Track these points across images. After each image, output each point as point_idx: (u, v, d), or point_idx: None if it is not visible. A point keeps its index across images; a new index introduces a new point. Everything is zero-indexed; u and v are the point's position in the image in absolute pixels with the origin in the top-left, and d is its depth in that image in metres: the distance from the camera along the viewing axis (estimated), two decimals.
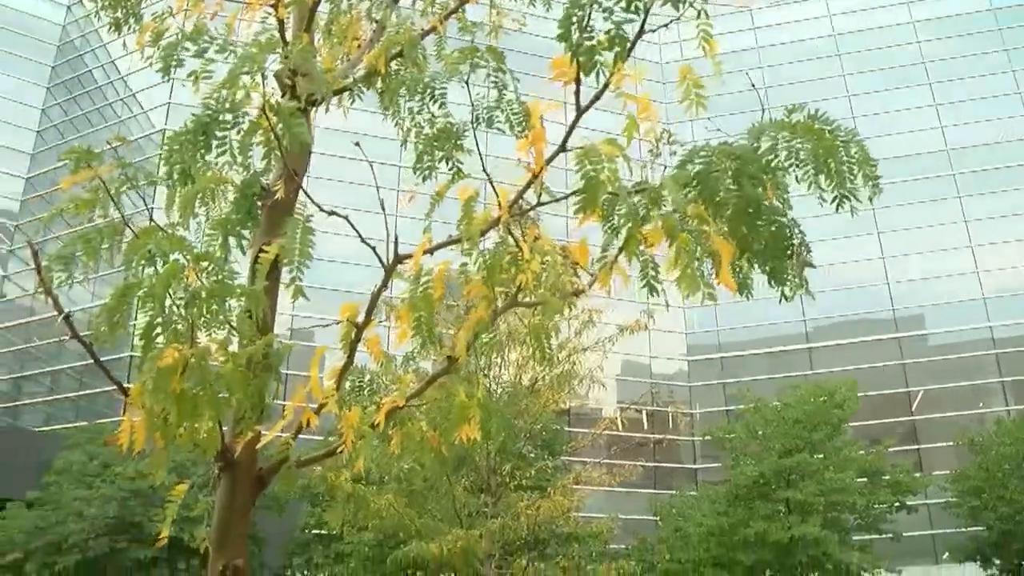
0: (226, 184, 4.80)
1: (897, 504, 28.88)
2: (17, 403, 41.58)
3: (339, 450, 4.54)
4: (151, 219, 4.49)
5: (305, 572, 23.68)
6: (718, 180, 3.98)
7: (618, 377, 40.14)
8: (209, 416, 4.11)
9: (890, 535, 29.27)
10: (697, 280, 3.93)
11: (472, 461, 17.75)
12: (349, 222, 4.35)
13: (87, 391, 38.02)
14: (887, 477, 29.09)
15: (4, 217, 47.86)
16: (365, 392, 5.23)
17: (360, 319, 4.36)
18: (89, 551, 19.92)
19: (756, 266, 4.47)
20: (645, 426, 40.82)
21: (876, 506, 28.92)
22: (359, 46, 6.02)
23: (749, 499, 27.99)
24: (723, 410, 42.53)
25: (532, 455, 22.67)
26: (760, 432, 29.57)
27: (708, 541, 28.09)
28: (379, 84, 5.21)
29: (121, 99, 49.11)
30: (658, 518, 32.23)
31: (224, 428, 4.44)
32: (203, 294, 3.93)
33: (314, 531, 23.57)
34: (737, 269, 4.45)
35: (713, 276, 4.28)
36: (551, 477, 22.36)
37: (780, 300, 4.65)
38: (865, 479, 28.87)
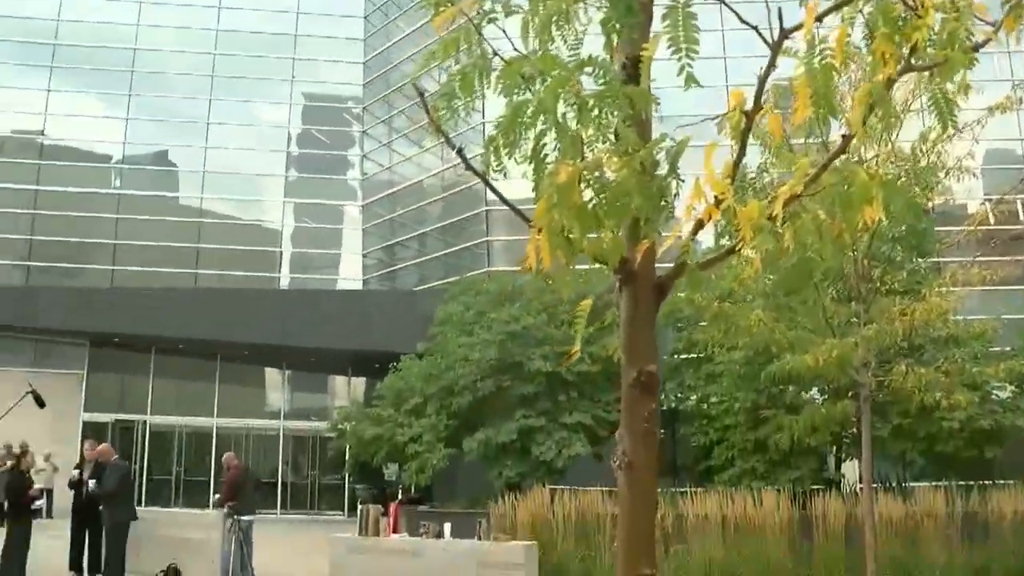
0: (579, 3, 4.69)
1: None
2: (392, 268, 45.55)
3: (738, 247, 4.44)
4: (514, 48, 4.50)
5: (678, 395, 24.27)
6: None
7: (983, 167, 36.81)
8: (610, 226, 4.14)
9: None
10: None
11: (839, 270, 17.07)
12: (727, 5, 4.10)
13: (451, 248, 40.85)
14: None
15: (352, 102, 51.54)
16: (751, 189, 5.02)
17: (748, 106, 4.15)
18: (478, 391, 21.62)
19: None
20: (1021, 216, 37.29)
21: None
22: None
23: None
24: None
25: (899, 258, 21.51)
26: None
27: None
28: None
29: None
30: None
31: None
32: (592, 101, 3.90)
33: (683, 356, 24.01)
34: None
35: None
36: (923, 279, 21.17)
37: None
38: None
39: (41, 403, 15.98)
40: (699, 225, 4.30)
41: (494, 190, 4.75)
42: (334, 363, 39.11)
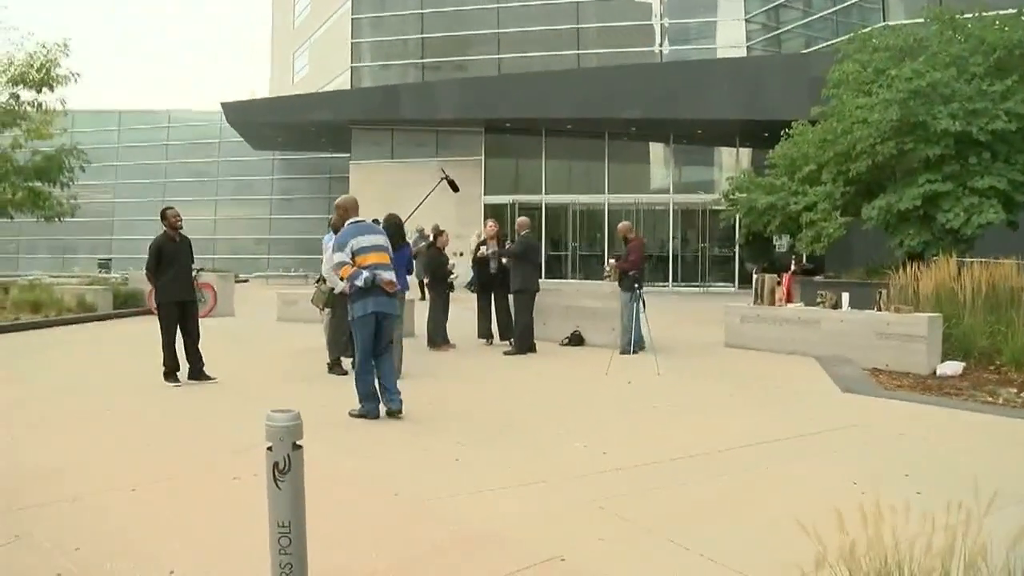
0: None
1: None
2: (777, 31, 43.04)
3: None
4: None
5: None
6: None
7: None
8: None
9: None
10: None
11: None
12: None
13: (840, 5, 37.74)
14: None
15: None
16: None
17: None
18: (877, 156, 20.15)
19: None
20: None
21: None
22: None
23: None
24: None
25: None
26: None
27: None
28: None
29: None
30: None
31: None
32: None
33: None
34: None
35: None
36: None
37: None
38: None
39: (455, 187, 17.22)
40: None
41: None
42: (720, 134, 38.45)
